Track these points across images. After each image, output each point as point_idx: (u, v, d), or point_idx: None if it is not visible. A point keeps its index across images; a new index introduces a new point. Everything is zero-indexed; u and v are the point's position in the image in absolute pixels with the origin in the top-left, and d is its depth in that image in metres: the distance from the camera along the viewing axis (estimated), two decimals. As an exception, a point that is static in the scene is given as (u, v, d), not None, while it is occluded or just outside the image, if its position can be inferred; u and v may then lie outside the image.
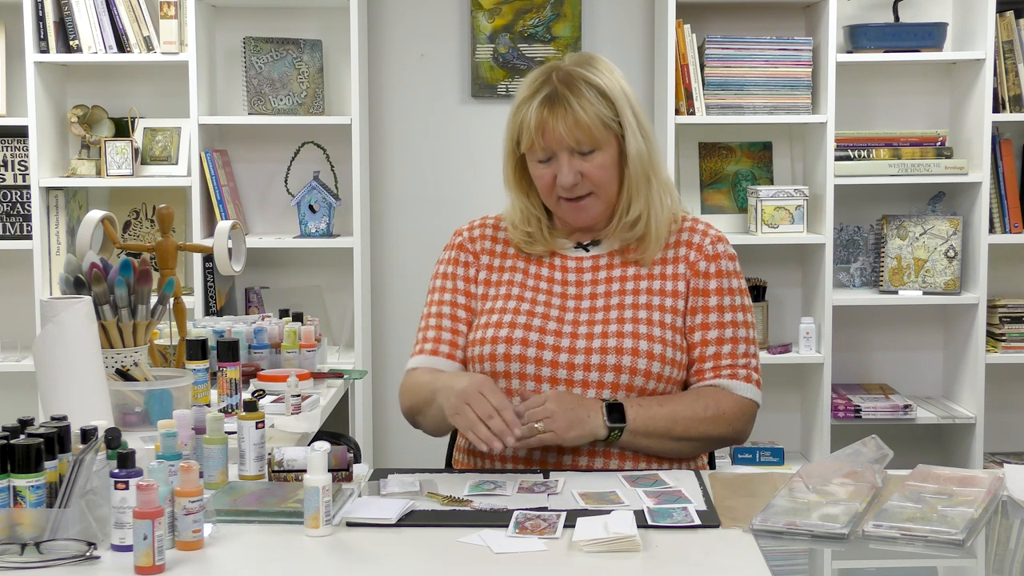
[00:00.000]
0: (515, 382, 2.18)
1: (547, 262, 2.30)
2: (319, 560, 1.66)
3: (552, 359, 2.18)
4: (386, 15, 4.25)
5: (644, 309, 2.21)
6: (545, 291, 2.26)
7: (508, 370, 2.18)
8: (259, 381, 2.65)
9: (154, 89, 4.19)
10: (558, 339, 2.19)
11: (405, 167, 4.28)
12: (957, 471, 2.02)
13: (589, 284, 2.26)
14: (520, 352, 2.18)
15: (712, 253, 2.27)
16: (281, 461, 1.94)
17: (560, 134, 2.16)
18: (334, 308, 4.20)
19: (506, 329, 2.20)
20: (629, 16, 4.23)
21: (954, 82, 4.13)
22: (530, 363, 2.18)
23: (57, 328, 2.13)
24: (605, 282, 2.25)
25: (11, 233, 4.06)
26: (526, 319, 2.21)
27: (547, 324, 2.21)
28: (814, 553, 1.71)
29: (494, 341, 2.20)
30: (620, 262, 2.26)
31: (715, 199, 4.21)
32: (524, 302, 2.25)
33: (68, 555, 1.60)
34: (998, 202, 3.99)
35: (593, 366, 2.16)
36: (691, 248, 2.27)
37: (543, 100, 2.18)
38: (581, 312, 2.22)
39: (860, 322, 4.22)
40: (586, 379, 2.16)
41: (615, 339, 2.17)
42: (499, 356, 2.19)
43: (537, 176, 2.23)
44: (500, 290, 2.29)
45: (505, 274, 2.31)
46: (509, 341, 2.19)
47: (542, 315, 2.22)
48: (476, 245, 2.35)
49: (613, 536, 1.67)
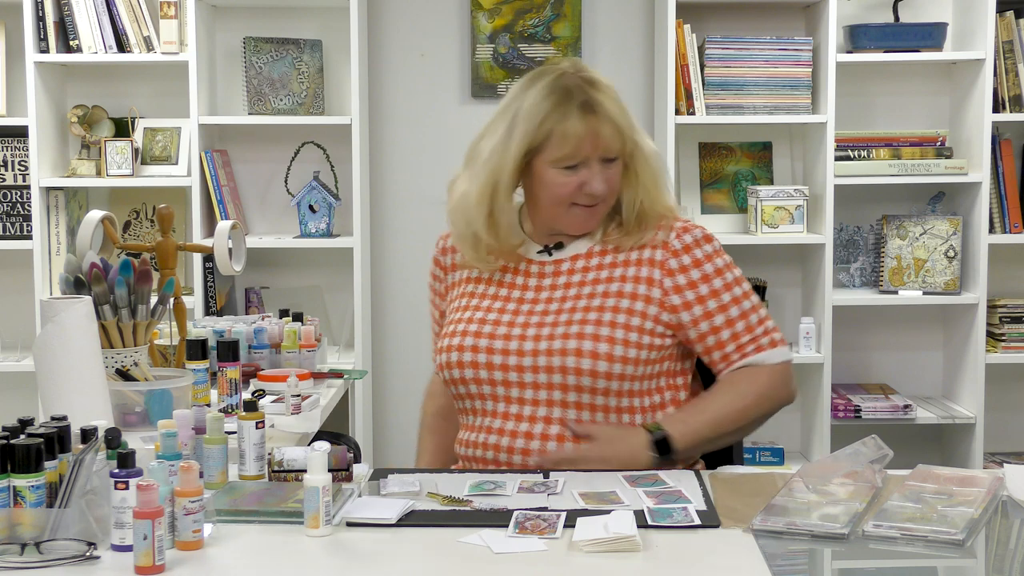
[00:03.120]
0: (472, 387, 2.22)
1: (511, 267, 2.29)
2: (319, 560, 1.66)
3: (502, 363, 2.19)
4: (386, 15, 4.25)
5: (595, 311, 2.18)
6: (504, 297, 2.28)
7: (463, 376, 2.22)
8: (259, 381, 2.64)
9: (154, 89, 4.19)
10: (507, 343, 2.20)
11: (405, 167, 4.28)
12: (957, 471, 2.02)
13: (548, 289, 2.25)
14: (472, 359, 2.21)
15: (680, 247, 2.22)
16: (281, 461, 1.94)
17: (605, 141, 2.16)
18: (334, 308, 4.20)
19: (459, 337, 2.24)
20: (629, 16, 4.22)
21: (954, 82, 4.13)
22: (482, 368, 2.20)
23: (57, 328, 2.13)
24: (564, 287, 2.24)
25: (11, 233, 4.06)
26: (477, 327, 2.23)
27: (497, 329, 2.22)
28: (814, 553, 1.71)
29: (448, 350, 2.24)
30: (583, 266, 2.25)
31: (715, 199, 4.21)
32: (480, 310, 2.26)
33: (68, 555, 1.60)
34: (998, 202, 3.99)
35: (540, 368, 2.17)
36: (656, 248, 2.22)
37: (583, 107, 2.15)
38: (533, 315, 2.22)
39: (860, 322, 4.22)
40: (536, 381, 2.17)
41: (560, 340, 2.16)
42: (454, 363, 2.22)
43: (558, 183, 2.18)
44: (463, 301, 2.31)
45: (471, 284, 2.33)
46: (461, 349, 2.22)
47: (494, 321, 2.24)
48: (447, 258, 2.38)
49: (613, 536, 1.67)
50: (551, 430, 2.16)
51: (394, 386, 4.31)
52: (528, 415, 2.18)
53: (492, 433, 2.20)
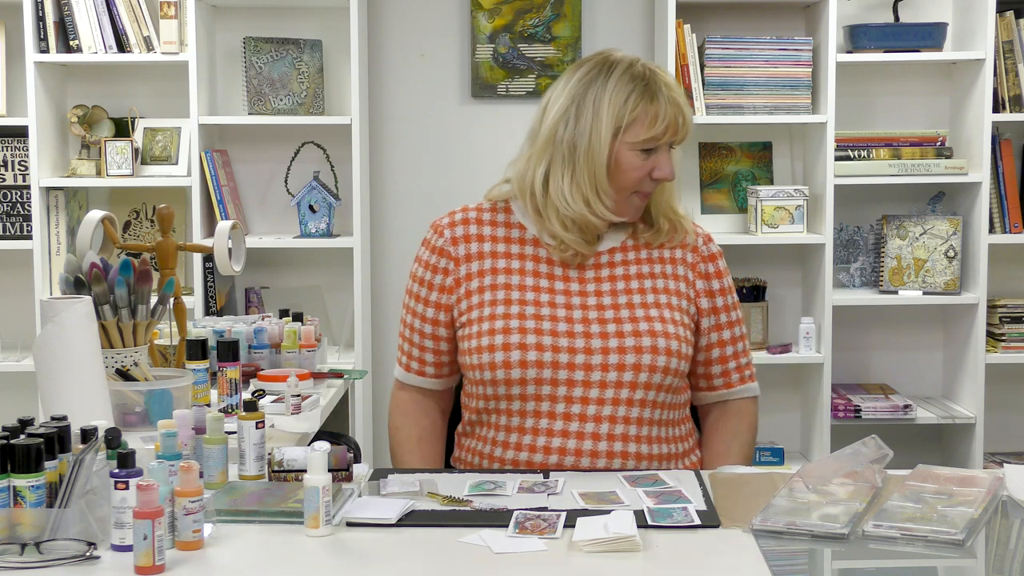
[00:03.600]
0: (531, 387, 2.15)
1: (545, 257, 2.24)
2: (319, 560, 1.66)
3: (569, 361, 2.14)
4: (386, 15, 4.25)
5: (654, 307, 2.20)
6: (547, 289, 2.21)
7: (524, 376, 2.14)
8: (259, 381, 2.64)
9: (154, 89, 4.19)
10: (571, 340, 2.15)
11: (405, 167, 4.28)
12: (957, 471, 2.02)
13: (592, 281, 2.23)
14: (536, 358, 2.13)
15: (708, 254, 2.30)
16: (281, 461, 1.94)
17: (675, 128, 2.17)
18: (334, 308, 4.20)
19: (516, 335, 2.15)
20: (629, 16, 4.23)
21: (954, 82, 4.13)
22: (546, 367, 2.14)
23: (57, 328, 2.13)
24: (609, 279, 2.23)
25: (11, 233, 4.06)
26: (535, 323, 2.16)
27: (557, 325, 2.17)
28: (814, 553, 1.71)
29: (506, 348, 2.14)
30: (621, 259, 2.25)
31: (715, 199, 4.20)
32: (528, 305, 2.19)
33: (68, 555, 1.60)
34: (998, 202, 3.99)
35: (611, 366, 2.14)
36: (686, 249, 2.28)
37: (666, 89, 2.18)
38: (589, 309, 2.19)
39: (860, 322, 4.22)
40: (603, 379, 2.14)
41: (632, 337, 2.15)
42: (513, 363, 2.14)
43: (634, 167, 2.17)
44: (497, 294, 2.21)
45: (499, 276, 2.23)
46: (523, 347, 2.14)
47: (550, 316, 2.18)
48: (459, 248, 2.27)
49: (613, 536, 1.67)
50: (616, 429, 2.14)
51: (394, 386, 4.31)
52: (592, 415, 2.14)
53: (554, 436, 2.14)
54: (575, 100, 2.18)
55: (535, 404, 2.16)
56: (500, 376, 2.15)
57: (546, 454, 2.14)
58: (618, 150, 2.16)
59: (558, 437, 2.14)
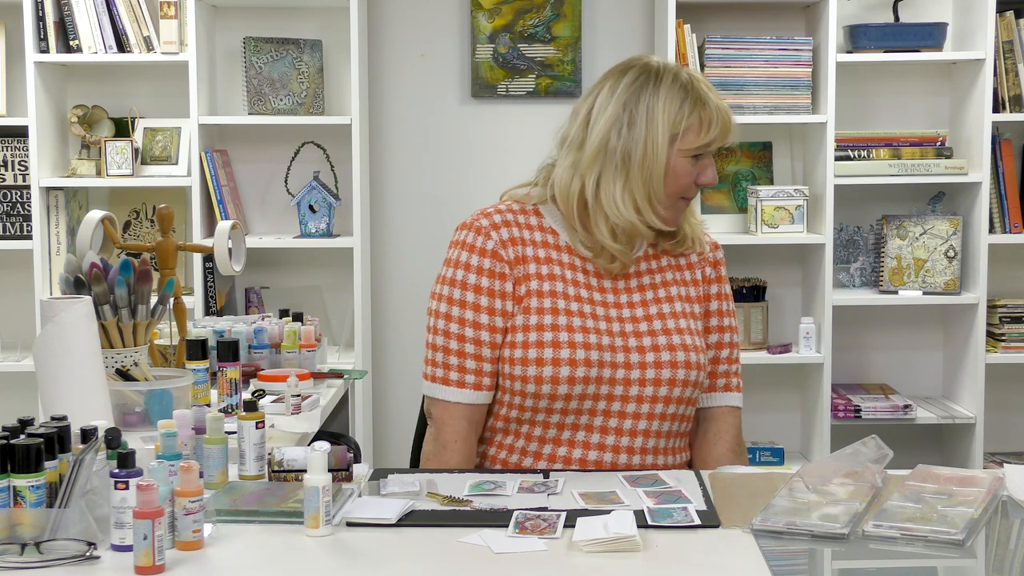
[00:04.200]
0: (574, 403, 2.13)
1: (568, 262, 2.21)
2: (319, 560, 1.66)
3: (611, 376, 2.13)
4: (386, 15, 4.25)
5: (683, 317, 2.21)
6: (588, 300, 2.19)
7: (570, 393, 2.12)
8: (259, 381, 2.65)
9: (154, 89, 4.19)
10: (614, 355, 2.14)
11: (405, 167, 4.28)
12: (957, 471, 2.02)
13: (624, 292, 2.22)
14: (585, 374, 2.11)
15: (713, 260, 2.32)
16: (281, 461, 1.94)
17: (721, 135, 2.17)
18: (334, 308, 4.20)
19: (567, 350, 2.11)
20: (629, 16, 4.23)
21: (954, 82, 4.13)
22: (592, 383, 2.12)
23: (57, 328, 2.13)
24: (638, 289, 2.22)
25: (11, 233, 4.06)
26: (583, 336, 2.13)
27: (602, 340, 2.15)
28: (814, 553, 1.71)
29: (555, 363, 2.11)
30: (646, 268, 2.25)
31: (715, 199, 4.20)
32: (574, 316, 2.15)
33: (68, 555, 1.60)
34: (998, 202, 3.99)
35: (648, 381, 2.14)
36: (699, 256, 2.30)
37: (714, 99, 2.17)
38: (626, 323, 2.18)
39: (860, 322, 4.22)
40: (641, 394, 2.15)
41: (667, 352, 2.16)
42: (562, 379, 2.10)
43: (683, 172, 2.15)
44: (544, 302, 2.16)
45: (545, 283, 2.17)
46: (572, 363, 2.11)
47: (595, 329, 2.15)
48: (509, 251, 2.18)
49: (613, 536, 1.67)
50: (649, 443, 2.16)
51: (394, 386, 4.31)
52: (628, 429, 2.14)
53: (591, 449, 2.14)
54: (627, 107, 2.15)
55: (575, 418, 2.15)
56: (545, 391, 2.12)
57: (582, 466, 2.14)
58: (672, 157, 2.15)
59: (594, 451, 2.14)
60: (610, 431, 2.14)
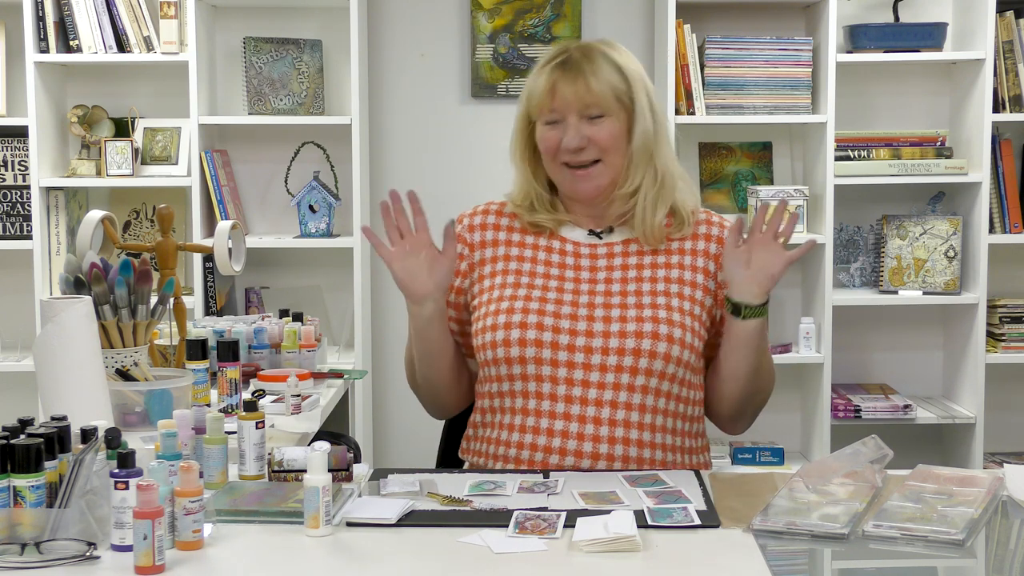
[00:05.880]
0: (531, 367, 2.16)
1: (558, 248, 2.28)
2: (319, 560, 1.66)
3: (569, 343, 2.16)
4: (386, 15, 4.25)
5: (663, 295, 2.21)
6: (557, 276, 2.25)
7: (523, 355, 2.16)
8: (259, 381, 2.65)
9: (154, 89, 4.19)
10: (574, 323, 2.18)
11: (405, 167, 4.28)
12: (957, 471, 2.02)
13: (604, 270, 2.25)
14: (535, 336, 2.16)
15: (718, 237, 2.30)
16: (281, 461, 1.94)
17: (569, 97, 2.20)
18: (334, 308, 4.20)
19: (519, 314, 2.19)
20: (629, 16, 4.23)
21: (954, 82, 4.13)
22: (546, 347, 2.16)
23: (57, 328, 2.13)
24: (621, 268, 2.25)
25: (11, 233, 4.06)
26: (539, 304, 2.20)
27: (561, 308, 2.19)
28: (814, 553, 1.71)
29: (507, 327, 2.18)
30: (636, 250, 2.26)
31: (715, 199, 4.21)
32: (535, 288, 2.23)
33: (68, 555, 1.60)
34: (998, 202, 3.99)
35: (611, 350, 2.15)
36: (710, 241, 2.29)
37: (557, 65, 2.23)
38: (596, 295, 2.21)
39: (860, 322, 4.22)
40: (604, 363, 2.15)
41: (634, 323, 2.16)
42: (513, 341, 2.17)
43: (542, 139, 2.24)
44: (508, 278, 2.26)
45: (512, 262, 2.28)
46: (523, 326, 2.17)
47: (555, 300, 2.21)
48: (475, 235, 2.32)
49: (613, 536, 1.67)
50: (617, 415, 2.14)
51: (394, 386, 4.30)
52: (593, 398, 2.15)
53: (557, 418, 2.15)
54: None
55: (536, 385, 2.17)
56: (500, 354, 2.18)
57: (549, 436, 2.14)
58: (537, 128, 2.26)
59: (560, 420, 2.15)
60: (574, 400, 2.15)
